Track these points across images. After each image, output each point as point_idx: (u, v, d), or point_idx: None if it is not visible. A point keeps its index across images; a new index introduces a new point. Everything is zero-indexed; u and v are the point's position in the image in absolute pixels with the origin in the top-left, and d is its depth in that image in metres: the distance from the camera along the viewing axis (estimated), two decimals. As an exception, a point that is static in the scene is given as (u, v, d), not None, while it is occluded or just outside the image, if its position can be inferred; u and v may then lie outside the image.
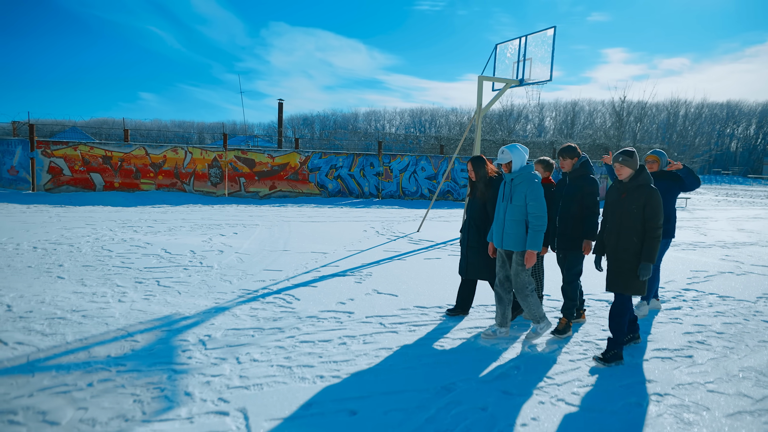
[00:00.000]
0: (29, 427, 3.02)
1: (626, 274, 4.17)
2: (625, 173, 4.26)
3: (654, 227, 4.10)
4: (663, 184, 5.40)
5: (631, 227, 4.16)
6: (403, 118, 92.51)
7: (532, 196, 4.49)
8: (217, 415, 3.25)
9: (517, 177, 4.59)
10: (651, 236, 4.11)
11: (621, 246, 4.20)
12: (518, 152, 4.63)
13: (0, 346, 4.19)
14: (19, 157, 17.51)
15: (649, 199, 4.12)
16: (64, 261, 7.34)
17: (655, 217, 4.10)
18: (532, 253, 4.51)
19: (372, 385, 3.75)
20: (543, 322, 4.75)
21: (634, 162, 4.22)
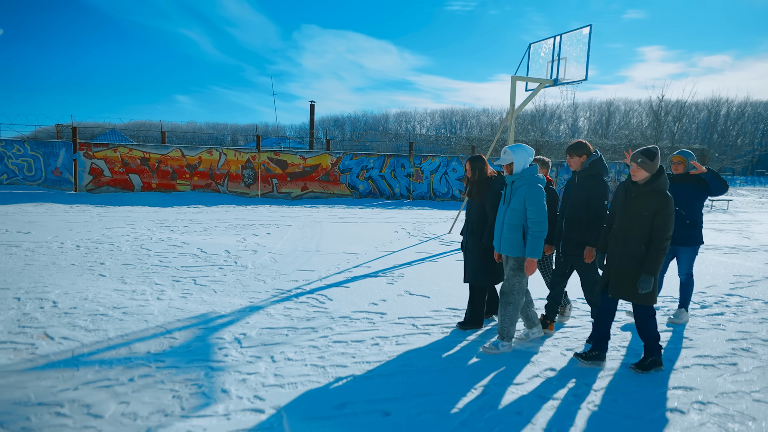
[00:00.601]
0: (75, 420, 3.13)
1: (631, 283, 3.94)
2: (640, 176, 3.92)
3: (661, 238, 3.82)
4: (688, 188, 5.17)
5: (640, 234, 3.88)
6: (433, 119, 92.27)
7: (532, 200, 4.27)
8: (252, 412, 3.31)
9: (519, 179, 4.38)
10: (656, 247, 3.83)
11: (627, 252, 3.94)
12: (521, 153, 4.40)
13: (47, 340, 4.36)
14: (62, 159, 18.17)
15: (662, 207, 3.82)
16: (105, 259, 7.58)
17: (664, 227, 3.82)
18: (532, 261, 4.29)
19: (405, 386, 3.75)
20: (507, 343, 4.44)
21: (653, 165, 3.88)
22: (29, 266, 6.98)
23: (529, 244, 4.29)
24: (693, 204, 5.17)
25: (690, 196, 5.16)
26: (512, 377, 3.95)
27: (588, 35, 10.65)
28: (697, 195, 5.19)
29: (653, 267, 3.84)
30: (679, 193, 5.12)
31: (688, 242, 5.22)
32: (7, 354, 4.05)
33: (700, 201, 5.23)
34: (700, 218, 5.24)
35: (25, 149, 18.00)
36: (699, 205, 5.23)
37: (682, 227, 5.16)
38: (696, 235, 5.22)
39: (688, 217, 5.16)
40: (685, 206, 5.16)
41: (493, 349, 4.41)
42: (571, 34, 11.13)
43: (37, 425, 3.05)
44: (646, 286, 3.85)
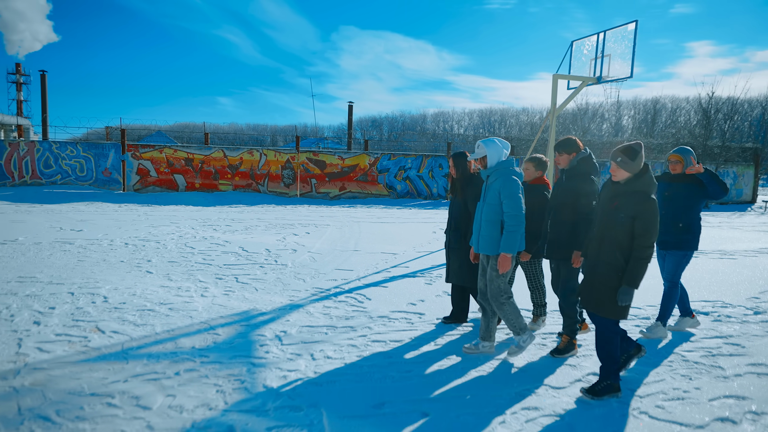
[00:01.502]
0: (125, 410, 3.25)
1: (600, 292, 3.56)
2: (620, 176, 3.57)
3: (642, 246, 3.41)
4: (685, 189, 4.76)
5: (615, 239, 3.50)
6: (471, 118, 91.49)
7: (506, 193, 4.07)
8: (293, 409, 3.36)
9: (493, 173, 4.20)
10: (637, 256, 3.42)
11: (602, 258, 3.56)
12: (494, 146, 4.20)
13: (98, 334, 4.55)
14: (111, 160, 18.90)
15: (642, 210, 3.41)
16: (152, 257, 7.84)
17: (646, 233, 3.40)
18: (506, 256, 4.09)
19: (443, 387, 3.73)
20: (525, 334, 4.27)
21: (634, 165, 3.50)
22: (82, 263, 7.29)
23: (503, 238, 4.08)
24: (688, 206, 4.75)
25: (686, 198, 4.76)
26: (554, 380, 3.88)
27: (634, 31, 10.36)
28: (693, 197, 4.76)
29: (634, 278, 3.43)
30: (675, 194, 4.80)
31: (680, 246, 4.78)
32: (63, 346, 4.24)
33: (697, 203, 4.78)
34: (695, 222, 4.79)
35: (78, 151, 18.81)
36: (695, 207, 4.78)
37: (674, 230, 4.76)
38: (688, 240, 4.76)
39: (681, 220, 4.75)
40: (679, 208, 4.76)
41: (518, 350, 4.25)
42: (616, 31, 10.84)
43: (90, 414, 3.18)
44: (625, 298, 3.46)
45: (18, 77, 53.67)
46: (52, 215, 12.48)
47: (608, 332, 3.63)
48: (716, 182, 4.65)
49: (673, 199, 4.80)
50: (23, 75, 54.01)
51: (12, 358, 3.96)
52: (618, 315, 3.56)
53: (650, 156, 24.42)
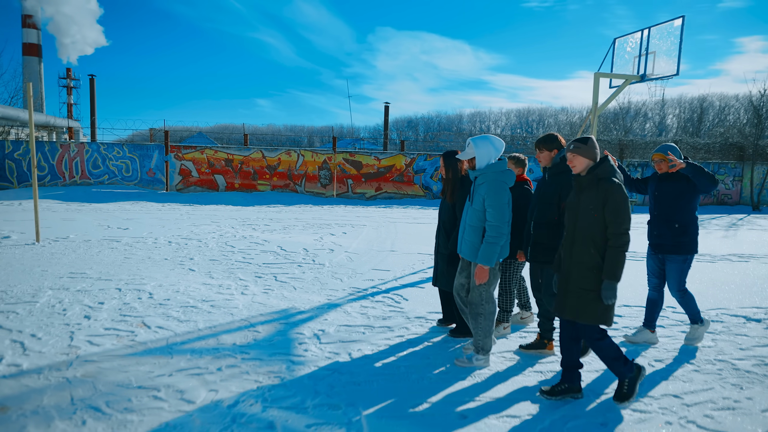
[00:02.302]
0: (170, 404, 3.35)
1: (578, 296, 3.34)
2: (579, 164, 3.38)
3: (616, 233, 3.22)
4: (673, 187, 4.48)
5: (587, 236, 3.30)
6: (509, 118, 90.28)
7: (490, 201, 3.82)
8: (331, 407, 3.39)
9: (481, 176, 3.94)
10: (613, 245, 3.23)
11: (575, 259, 3.36)
12: (485, 146, 3.91)
13: (144, 329, 4.70)
14: (155, 161, 19.50)
15: (608, 195, 3.23)
16: (194, 255, 8.05)
17: (617, 219, 3.21)
18: (482, 268, 3.86)
19: (482, 390, 3.70)
20: (483, 356, 4.05)
21: (589, 150, 3.35)
22: (128, 260, 7.55)
23: (482, 248, 3.86)
24: (680, 205, 4.46)
25: (676, 197, 4.47)
26: (598, 386, 3.79)
27: (680, 27, 10.02)
28: (685, 195, 4.45)
29: (613, 270, 3.21)
30: (665, 194, 4.54)
31: (678, 250, 4.49)
32: (111, 340, 4.41)
33: (690, 202, 4.47)
34: (691, 222, 4.49)
35: (124, 152, 19.49)
36: (689, 206, 4.47)
37: (670, 233, 4.49)
38: (686, 242, 4.47)
39: (676, 221, 4.47)
40: (671, 208, 4.49)
41: (467, 362, 4.08)
42: (661, 27, 10.51)
43: (137, 407, 3.29)
44: (609, 294, 3.23)
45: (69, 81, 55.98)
46: (100, 214, 12.97)
47: (595, 341, 3.41)
48: (702, 175, 4.29)
49: (664, 200, 4.54)
50: (73, 79, 56.32)
51: (65, 351, 4.14)
52: (600, 320, 3.32)
53: (697, 156, 23.54)
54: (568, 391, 3.55)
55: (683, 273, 4.55)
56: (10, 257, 7.44)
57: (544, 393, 3.55)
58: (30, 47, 47.17)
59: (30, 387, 3.52)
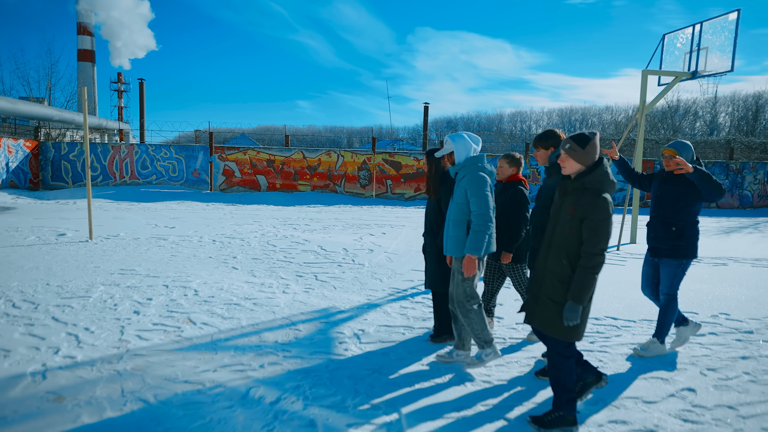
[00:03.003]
0: (214, 399, 3.43)
1: (547, 307, 3.09)
2: (569, 167, 3.08)
3: (588, 253, 2.93)
4: (676, 188, 4.22)
5: (562, 244, 3.04)
6: (551, 118, 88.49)
7: (473, 191, 3.82)
8: (371, 407, 3.39)
9: (461, 170, 3.95)
10: (583, 265, 2.94)
11: (549, 266, 3.11)
12: (462, 141, 3.97)
13: (190, 325, 4.83)
14: (200, 161, 20.05)
15: (590, 210, 2.93)
16: (237, 253, 8.23)
17: (593, 238, 2.92)
18: (470, 258, 3.81)
19: (527, 394, 3.63)
20: (489, 348, 4.00)
21: (585, 155, 3.02)
22: (175, 257, 7.79)
23: (469, 238, 3.82)
24: (680, 208, 4.20)
25: (677, 199, 4.21)
26: (647, 393, 3.66)
27: (735, 21, 9.60)
28: (686, 198, 4.19)
29: (578, 292, 2.94)
30: (666, 195, 4.29)
31: (673, 254, 4.24)
32: (159, 335, 4.55)
33: (691, 205, 4.20)
34: (690, 226, 4.23)
35: (171, 153, 20.13)
36: (689, 209, 4.21)
37: (666, 236, 4.25)
38: (682, 247, 4.21)
39: (674, 224, 4.22)
40: (671, 210, 4.25)
41: (478, 362, 4.01)
42: (714, 21, 10.09)
43: (183, 401, 3.39)
44: (570, 316, 2.96)
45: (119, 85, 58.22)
46: (148, 213, 13.43)
47: (558, 356, 3.13)
48: (708, 183, 4.03)
49: (664, 201, 4.29)
50: (124, 83, 58.55)
51: (116, 344, 4.30)
52: (568, 335, 3.05)
53: (752, 155, 22.47)
54: (561, 422, 3.16)
55: (676, 278, 4.30)
56: (66, 254, 7.79)
57: (535, 422, 3.19)
58: (84, 53, 49.34)
59: (84, 378, 3.67)
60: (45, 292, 5.72)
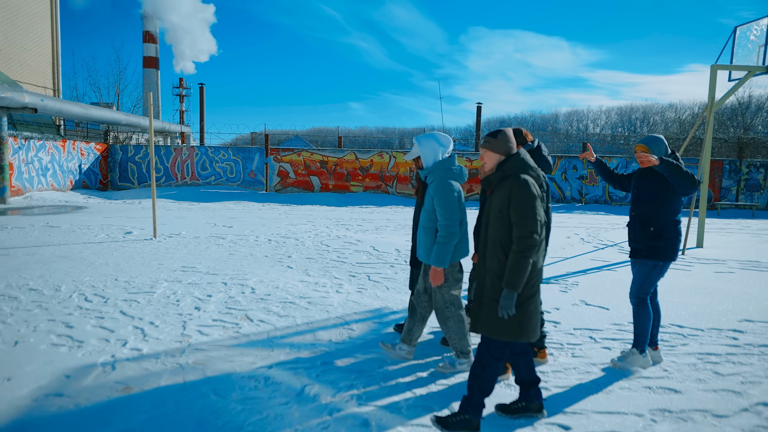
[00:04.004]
0: (270, 395, 3.50)
1: (489, 308, 2.97)
2: (489, 161, 3.07)
3: (518, 236, 2.85)
4: (651, 186, 3.98)
5: (497, 239, 2.95)
6: (609, 116, 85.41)
7: (438, 200, 3.65)
8: (425, 409, 3.37)
9: (430, 175, 3.78)
10: (515, 249, 2.85)
11: (487, 266, 3.00)
12: (429, 144, 3.77)
13: (248, 322, 4.97)
14: (256, 163, 20.62)
15: (513, 194, 2.87)
16: (291, 253, 8.40)
17: (520, 220, 2.84)
18: (436, 270, 3.69)
19: (583, 402, 3.51)
20: (464, 359, 3.89)
21: (500, 143, 3.03)
22: (233, 256, 8.03)
23: (434, 249, 3.68)
24: (657, 206, 3.94)
25: (654, 197, 3.95)
26: (708, 403, 3.45)
27: (816, 11, 8.92)
28: (663, 194, 3.93)
29: (511, 278, 2.84)
30: (642, 191, 4.03)
31: (650, 255, 3.96)
32: (218, 330, 4.70)
33: (669, 203, 3.94)
34: (669, 226, 3.93)
35: (228, 154, 20.81)
36: (667, 208, 3.94)
37: (643, 235, 3.98)
38: (660, 248, 3.92)
39: (651, 223, 3.95)
40: (647, 208, 3.99)
41: (449, 367, 3.91)
42: (793, 11, 9.42)
43: (241, 396, 3.48)
44: (506, 304, 2.85)
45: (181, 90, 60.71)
46: (207, 212, 13.93)
47: (489, 355, 3.01)
48: (678, 175, 3.78)
49: (641, 199, 4.04)
50: (185, 88, 61.00)
51: (178, 338, 4.48)
52: (516, 334, 2.92)
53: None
54: (525, 410, 3.25)
55: (648, 279, 4.01)
56: (132, 251, 8.19)
57: (498, 410, 3.28)
58: (149, 60, 51.81)
59: (149, 370, 3.83)
60: (114, 287, 6.03)
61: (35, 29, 21.20)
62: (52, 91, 22.17)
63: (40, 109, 15.45)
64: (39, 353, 4.08)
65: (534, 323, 2.99)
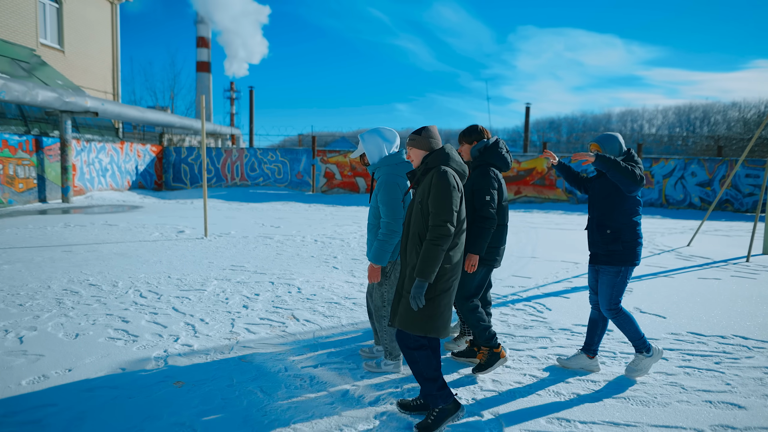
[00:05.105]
0: (316, 393, 3.52)
1: (404, 299, 2.99)
2: (415, 158, 3.13)
3: (432, 225, 2.85)
4: (602, 185, 3.82)
5: (416, 232, 2.95)
6: (666, 116, 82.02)
7: (381, 197, 3.56)
8: (471, 414, 3.30)
9: (377, 171, 3.71)
10: (428, 238, 2.84)
11: (408, 260, 3.00)
12: (372, 140, 3.68)
13: (294, 321, 5.02)
14: (303, 164, 20.94)
15: (433, 184, 2.88)
16: (337, 253, 8.46)
17: (435, 209, 2.84)
18: (373, 268, 3.61)
19: (637, 413, 3.35)
20: (392, 362, 3.84)
21: (424, 139, 3.08)
22: (280, 255, 8.16)
23: (374, 246, 3.60)
24: (612, 207, 3.75)
25: (607, 196, 3.77)
26: (767, 420, 3.24)
27: None
28: (615, 195, 3.74)
29: (422, 267, 2.82)
30: (596, 193, 3.88)
31: (610, 260, 3.77)
32: (265, 329, 4.77)
33: (622, 204, 3.74)
34: (625, 228, 3.74)
35: (276, 156, 21.23)
36: (621, 209, 3.74)
37: (601, 239, 3.80)
38: (618, 252, 3.74)
39: (607, 226, 3.76)
40: (601, 210, 3.81)
41: (375, 367, 3.88)
42: None
43: (287, 394, 3.51)
44: (416, 293, 2.83)
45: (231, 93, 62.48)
46: (256, 213, 14.24)
47: (407, 349, 3.06)
48: (616, 170, 3.56)
49: (595, 200, 3.88)
50: (235, 91, 62.73)
51: (227, 336, 4.57)
52: (427, 329, 2.93)
53: None
54: (422, 407, 3.21)
55: (615, 288, 3.81)
56: (185, 249, 8.45)
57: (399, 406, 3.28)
58: (202, 65, 53.59)
59: (199, 366, 3.93)
60: (167, 284, 6.24)
61: (97, 37, 22.29)
62: (111, 95, 23.24)
63: (101, 112, 16.21)
64: (97, 346, 4.25)
65: (445, 320, 2.98)
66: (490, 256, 3.94)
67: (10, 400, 3.33)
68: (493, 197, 3.79)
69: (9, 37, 17.43)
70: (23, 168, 14.63)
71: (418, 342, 3.04)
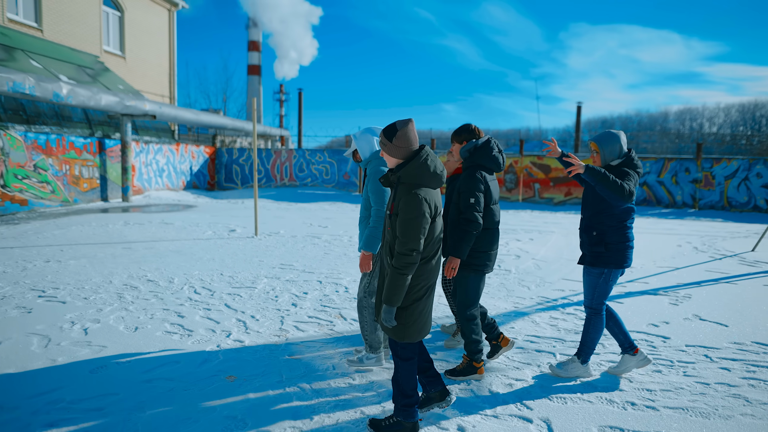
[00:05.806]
0: (363, 392, 3.55)
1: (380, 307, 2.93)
2: (389, 161, 2.93)
3: (398, 252, 2.73)
4: (594, 190, 3.71)
5: (389, 241, 2.86)
6: (728, 114, 77.94)
7: (371, 186, 3.71)
8: (520, 419, 3.25)
9: (368, 166, 3.87)
10: (393, 264, 2.75)
11: (387, 265, 2.90)
12: (364, 137, 3.86)
13: (341, 320, 5.08)
14: (350, 165, 21.15)
15: (402, 207, 2.73)
16: (384, 254, 8.49)
17: (402, 237, 2.71)
18: (365, 255, 3.74)
19: (696, 425, 3.20)
20: (375, 355, 3.91)
21: (395, 148, 2.82)
22: (327, 255, 8.28)
23: (365, 235, 3.74)
24: (601, 210, 3.67)
25: (598, 200, 3.68)
26: None
27: None
28: (601, 199, 3.66)
29: (387, 292, 2.77)
30: (588, 195, 3.78)
31: (594, 261, 3.71)
32: (313, 327, 4.85)
33: (611, 207, 3.64)
34: (612, 231, 3.66)
35: (324, 157, 21.54)
36: (610, 212, 3.65)
37: (588, 241, 3.75)
38: (602, 254, 3.67)
39: (594, 228, 3.70)
40: (591, 212, 3.73)
41: (358, 363, 3.93)
42: None
43: (334, 391, 3.56)
44: (386, 318, 2.82)
45: (281, 95, 63.85)
46: (304, 213, 14.49)
47: (395, 357, 2.99)
48: (604, 184, 3.45)
49: (587, 202, 3.80)
50: (284, 93, 64.08)
51: (277, 333, 4.68)
52: (398, 335, 2.88)
53: None
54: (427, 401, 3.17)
55: (598, 289, 3.77)
56: (236, 248, 8.70)
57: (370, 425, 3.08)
58: (253, 68, 54.98)
59: (250, 361, 4.03)
60: (219, 281, 6.44)
61: (155, 43, 23.26)
62: (168, 98, 24.19)
63: (159, 115, 16.91)
64: (155, 339, 4.44)
65: (419, 326, 2.91)
66: (480, 261, 3.81)
67: (77, 387, 3.52)
68: (479, 200, 3.69)
69: (75, 45, 18.44)
70: (87, 168, 15.45)
71: (406, 353, 2.97)
